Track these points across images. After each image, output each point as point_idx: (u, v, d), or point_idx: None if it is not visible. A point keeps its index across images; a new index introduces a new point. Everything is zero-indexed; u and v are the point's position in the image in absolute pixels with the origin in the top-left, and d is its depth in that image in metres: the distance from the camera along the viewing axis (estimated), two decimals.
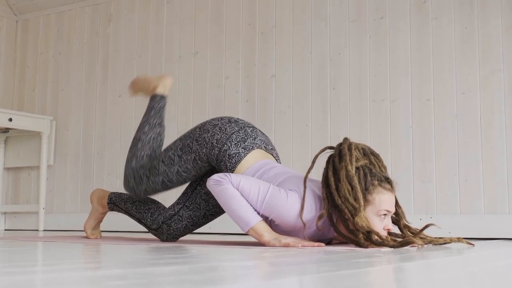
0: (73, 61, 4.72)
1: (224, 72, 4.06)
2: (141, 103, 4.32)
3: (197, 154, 2.57)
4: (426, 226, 2.31)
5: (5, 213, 4.83)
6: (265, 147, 2.58)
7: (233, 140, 2.53)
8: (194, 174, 2.63)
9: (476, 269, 1.45)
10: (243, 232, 2.35)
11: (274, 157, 2.62)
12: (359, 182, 2.24)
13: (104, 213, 2.99)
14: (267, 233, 2.25)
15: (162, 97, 2.86)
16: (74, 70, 4.70)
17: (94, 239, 2.93)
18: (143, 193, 2.72)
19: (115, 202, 2.91)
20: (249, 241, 2.63)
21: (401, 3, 3.58)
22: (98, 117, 4.52)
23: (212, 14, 4.18)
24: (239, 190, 2.26)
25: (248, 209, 2.26)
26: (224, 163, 2.51)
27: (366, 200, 2.23)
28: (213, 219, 2.78)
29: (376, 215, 2.23)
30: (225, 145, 2.52)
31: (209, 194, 2.68)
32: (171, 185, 2.67)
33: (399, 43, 3.55)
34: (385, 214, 2.24)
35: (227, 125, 2.59)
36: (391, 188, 2.30)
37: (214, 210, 2.72)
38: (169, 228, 2.72)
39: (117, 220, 4.42)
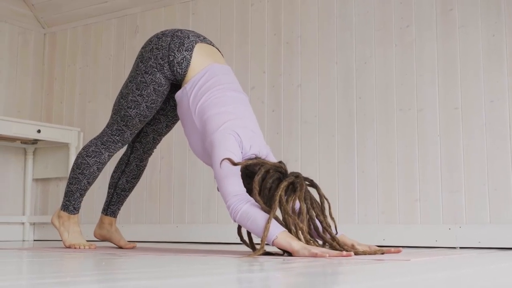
0: (99, 73, 4.76)
1: (249, 82, 4.06)
2: None
3: (154, 83, 2.80)
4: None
5: (34, 223, 4.88)
6: (200, 40, 2.83)
7: (174, 49, 2.76)
8: (161, 100, 2.86)
9: (505, 280, 1.43)
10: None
11: (208, 43, 2.88)
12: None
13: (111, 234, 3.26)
14: (295, 242, 2.26)
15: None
16: (100, 82, 4.75)
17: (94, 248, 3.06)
18: (130, 137, 2.98)
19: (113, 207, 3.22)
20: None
21: (427, 11, 3.56)
22: None
23: (237, 24, 4.19)
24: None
25: (272, 222, 2.30)
26: (177, 72, 2.76)
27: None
28: (174, 126, 3.16)
29: None
30: (170, 56, 2.76)
31: (165, 109, 3.05)
32: (148, 118, 2.91)
33: (425, 52, 3.53)
34: None
35: (160, 41, 2.80)
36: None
37: (174, 119, 3.10)
38: (142, 144, 3.12)
39: (133, 232, 4.43)
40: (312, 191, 2.48)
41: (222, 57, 2.93)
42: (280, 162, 2.51)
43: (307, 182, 2.45)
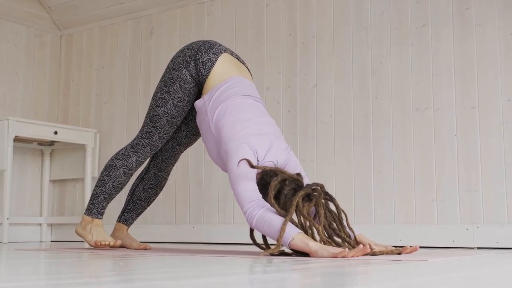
0: (115, 74, 4.78)
1: (265, 83, 4.06)
2: None
3: (180, 79, 2.87)
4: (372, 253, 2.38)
5: (51, 224, 4.90)
6: (232, 55, 2.92)
7: (202, 50, 2.86)
8: (187, 99, 2.90)
9: None
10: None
11: (239, 61, 2.95)
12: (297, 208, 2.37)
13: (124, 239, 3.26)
14: (312, 242, 2.25)
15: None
16: (117, 83, 4.76)
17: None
18: (159, 142, 2.99)
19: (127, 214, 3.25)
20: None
21: (443, 10, 3.54)
22: None
23: (253, 25, 4.19)
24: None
25: (288, 224, 2.30)
26: (200, 71, 2.83)
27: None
28: (195, 139, 3.15)
29: None
30: (197, 55, 2.85)
31: (187, 118, 3.07)
32: (176, 120, 2.94)
33: (442, 51, 3.51)
34: None
35: (192, 44, 2.92)
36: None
37: (194, 130, 3.09)
38: (161, 151, 3.13)
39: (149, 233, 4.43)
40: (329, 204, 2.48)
41: (250, 76, 2.95)
42: (298, 174, 2.51)
43: (326, 196, 2.44)
